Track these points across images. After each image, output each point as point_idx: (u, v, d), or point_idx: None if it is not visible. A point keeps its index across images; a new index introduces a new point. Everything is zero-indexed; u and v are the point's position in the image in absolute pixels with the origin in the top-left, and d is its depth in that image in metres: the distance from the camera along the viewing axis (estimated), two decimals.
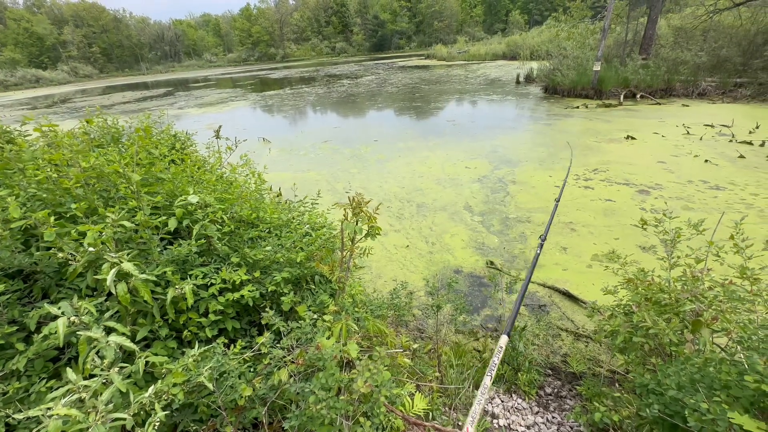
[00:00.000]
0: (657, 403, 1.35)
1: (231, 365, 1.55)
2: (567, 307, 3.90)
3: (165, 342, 1.80)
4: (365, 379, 1.23)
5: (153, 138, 3.22)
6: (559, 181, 6.99)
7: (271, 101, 21.28)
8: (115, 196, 2.09)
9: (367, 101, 18.64)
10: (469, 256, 4.91)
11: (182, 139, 3.79)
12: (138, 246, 1.89)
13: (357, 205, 1.99)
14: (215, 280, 1.94)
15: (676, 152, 7.98)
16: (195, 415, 1.64)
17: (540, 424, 2.26)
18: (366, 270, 4.72)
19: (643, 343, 1.82)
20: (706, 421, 1.15)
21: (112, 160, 2.21)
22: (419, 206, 6.42)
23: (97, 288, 1.70)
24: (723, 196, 5.88)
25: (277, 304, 2.08)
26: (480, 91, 19.02)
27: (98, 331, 1.32)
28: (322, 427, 1.20)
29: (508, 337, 1.94)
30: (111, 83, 52.88)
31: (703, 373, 1.31)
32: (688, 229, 2.04)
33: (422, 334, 3.54)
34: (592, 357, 3.15)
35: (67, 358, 1.68)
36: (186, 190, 2.17)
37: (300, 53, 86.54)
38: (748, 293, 1.68)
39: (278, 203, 3.11)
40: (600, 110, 12.61)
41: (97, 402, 1.17)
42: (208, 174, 2.63)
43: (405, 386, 2.10)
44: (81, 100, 31.10)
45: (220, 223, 2.16)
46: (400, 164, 8.65)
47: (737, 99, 12.31)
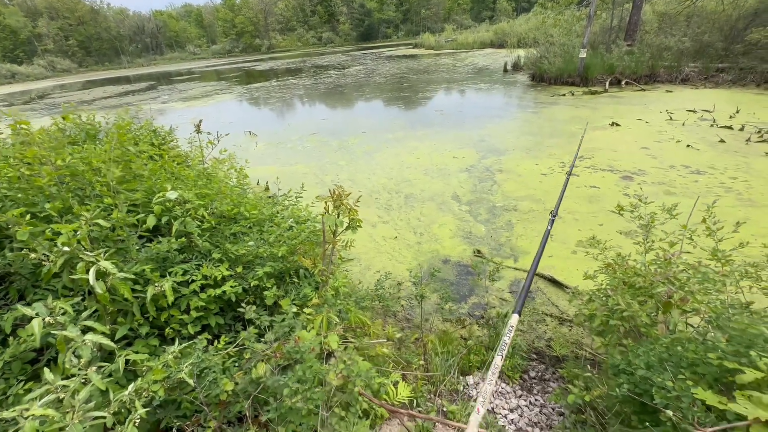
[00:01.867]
0: (627, 382, 1.40)
1: (212, 361, 1.56)
2: (552, 293, 3.98)
3: (147, 340, 1.79)
4: (338, 371, 1.25)
5: (131, 134, 3.16)
6: (545, 169, 7.06)
7: (257, 94, 20.92)
8: (90, 194, 2.05)
9: (355, 92, 18.45)
10: (456, 245, 4.96)
11: (162, 135, 3.72)
12: (116, 244, 1.86)
13: (338, 197, 1.99)
14: (196, 276, 1.93)
15: (659, 138, 8.10)
16: (178, 411, 1.64)
17: (523, 407, 2.32)
18: (355, 262, 4.74)
19: (620, 326, 1.88)
20: (671, 397, 1.20)
21: (87, 158, 2.16)
22: (407, 197, 6.43)
23: (74, 288, 1.68)
24: (703, 180, 6.02)
25: (261, 298, 2.08)
26: (468, 80, 18.96)
27: (74, 330, 1.31)
28: (301, 418, 1.22)
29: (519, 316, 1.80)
30: (91, 78, 51.29)
31: (671, 352, 1.37)
32: (662, 213, 2.09)
33: (410, 323, 3.59)
34: (575, 341, 3.23)
35: (46, 360, 1.66)
36: (164, 187, 2.14)
37: (286, 44, 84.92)
38: (717, 274, 1.73)
39: (262, 198, 3.09)
40: (586, 97, 12.70)
41: (74, 401, 1.17)
42: (187, 170, 2.59)
43: (391, 376, 2.14)
44: (60, 95, 30.16)
45: (200, 219, 2.14)
46: (388, 155, 8.63)
47: (719, 84, 12.51)
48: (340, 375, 1.23)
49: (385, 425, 1.86)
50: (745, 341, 1.26)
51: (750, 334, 1.27)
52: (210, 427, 1.54)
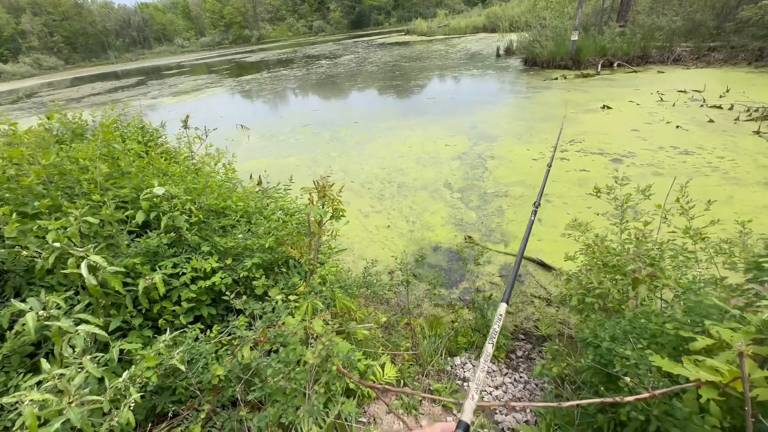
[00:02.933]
0: (593, 354, 1.48)
1: (204, 348, 1.63)
2: (541, 276, 4.08)
3: (140, 331, 1.86)
4: (316, 352, 1.32)
5: (118, 131, 3.18)
6: (536, 154, 7.11)
7: (248, 86, 20.70)
8: (79, 192, 2.10)
9: (347, 82, 18.29)
10: (448, 232, 5.04)
11: (150, 131, 3.74)
12: (106, 240, 1.92)
13: (321, 188, 2.04)
14: (186, 269, 2.00)
15: (649, 120, 8.14)
16: (173, 397, 1.72)
17: (507, 384, 2.43)
18: (348, 252, 4.81)
19: (595, 303, 1.96)
20: (630, 365, 1.28)
21: (74, 157, 2.19)
22: (400, 186, 6.48)
23: (67, 284, 1.74)
24: (691, 160, 6.09)
25: (251, 288, 2.15)
26: (460, 66, 18.81)
27: (68, 322, 1.38)
28: (284, 396, 1.29)
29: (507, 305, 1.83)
30: (78, 74, 50.41)
31: (635, 325, 1.45)
32: (636, 194, 2.16)
33: (402, 309, 3.68)
34: (562, 320, 3.33)
35: (44, 353, 1.73)
36: (152, 183, 2.18)
37: (276, 34, 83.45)
38: (685, 251, 1.81)
39: (251, 191, 3.13)
40: (578, 81, 12.66)
41: (68, 386, 1.24)
42: (174, 165, 2.63)
43: (380, 358, 2.23)
44: (48, 93, 29.71)
45: (188, 213, 2.19)
46: (381, 145, 8.64)
47: (710, 63, 12.49)
48: (317, 355, 1.31)
49: (373, 404, 1.95)
50: (702, 312, 1.34)
51: (706, 305, 1.36)
52: (204, 410, 1.62)
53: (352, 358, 1.43)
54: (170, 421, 1.69)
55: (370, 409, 1.95)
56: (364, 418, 1.90)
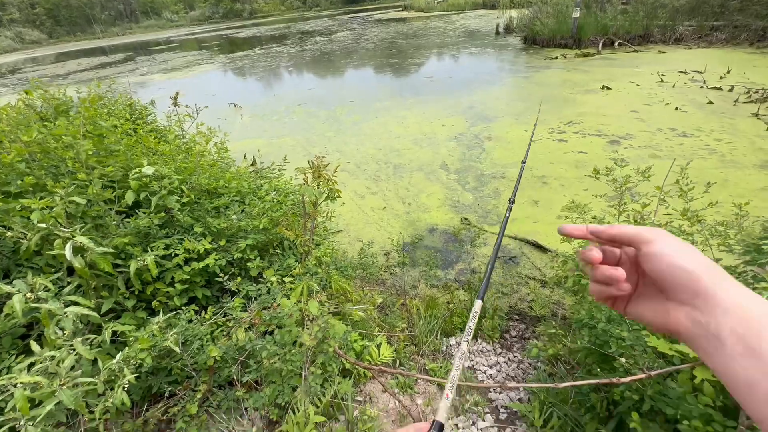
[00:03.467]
0: (589, 335, 1.49)
1: (199, 330, 1.62)
2: (536, 257, 4.10)
3: (134, 313, 1.84)
4: (312, 334, 1.31)
5: (105, 108, 3.06)
6: (535, 136, 7.02)
7: (240, 63, 20.09)
8: (64, 171, 2.02)
9: (343, 59, 17.81)
10: (444, 214, 5.02)
11: (139, 109, 3.61)
12: (93, 221, 1.87)
13: (316, 169, 1.99)
14: (179, 250, 1.96)
15: (648, 101, 8.04)
16: (170, 377, 1.72)
17: (501, 363, 2.46)
18: (344, 234, 4.79)
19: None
20: (625, 346, 1.29)
21: (58, 134, 2.11)
22: (396, 167, 6.41)
23: (54, 265, 1.70)
24: (689, 142, 6.05)
25: (246, 270, 2.13)
26: (459, 44, 18.34)
27: (56, 304, 1.35)
28: (280, 377, 1.29)
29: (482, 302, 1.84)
30: (63, 49, 48.55)
31: None
32: (636, 176, 2.13)
33: (398, 290, 3.70)
34: (556, 301, 3.37)
35: (36, 334, 1.71)
36: (140, 162, 2.11)
37: (269, 8, 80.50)
38: (683, 233, 1.80)
39: (244, 171, 3.07)
40: (578, 60, 12.42)
41: (60, 368, 1.22)
42: (164, 144, 2.54)
43: (375, 339, 2.24)
44: (32, 69, 28.67)
45: (179, 193, 2.13)
46: (377, 125, 8.49)
47: (712, 43, 12.27)
48: (313, 337, 1.30)
49: (369, 383, 1.97)
50: None
51: None
52: (200, 391, 1.62)
53: (348, 339, 1.42)
54: (167, 401, 1.69)
55: (366, 388, 1.97)
56: (360, 396, 1.92)
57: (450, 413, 1.89)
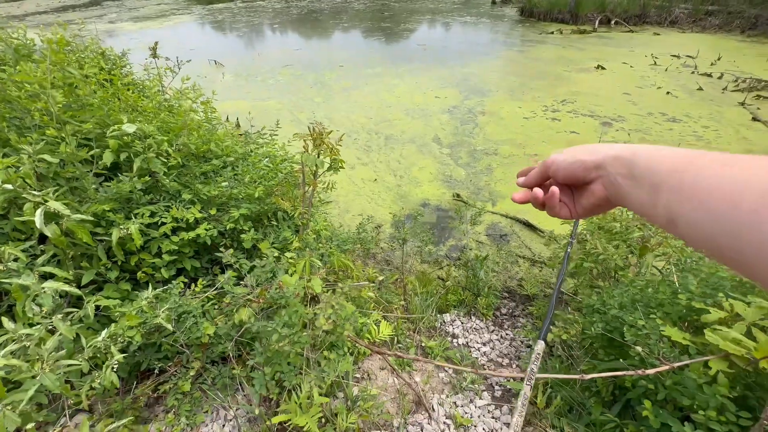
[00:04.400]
0: (600, 321, 1.49)
1: (191, 305, 1.50)
2: (526, 236, 4.13)
3: (117, 285, 1.70)
4: (328, 316, 1.24)
5: (73, 55, 2.72)
6: (528, 112, 6.92)
7: (220, 16, 18.66)
8: (30, 125, 1.78)
9: (332, 20, 16.81)
10: (436, 188, 4.94)
11: (113, 58, 3.24)
12: (68, 183, 1.67)
13: (318, 136, 1.84)
14: (166, 218, 1.80)
15: (641, 83, 8.03)
16: (159, 354, 1.62)
17: (494, 341, 2.49)
18: (333, 204, 4.65)
19: (592, 268, 1.96)
20: (640, 335, 1.29)
21: (25, 79, 1.83)
22: (387, 138, 6.21)
23: (24, 231, 1.52)
24: (677, 128, 6.12)
25: (238, 241, 2.00)
26: (453, 11, 17.60)
27: (30, 278, 1.20)
28: (287, 359, 1.22)
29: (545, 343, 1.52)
30: None
31: (643, 294, 1.45)
32: None
33: (389, 265, 3.65)
34: (544, 281, 3.42)
35: (6, 307, 1.55)
36: (119, 119, 1.89)
37: None
38: None
39: (233, 135, 2.85)
40: (574, 37, 12.18)
41: (41, 350, 1.10)
42: (145, 100, 2.29)
43: (371, 316, 2.19)
44: None
45: (165, 156, 1.94)
46: (368, 93, 8.15)
47: (705, 29, 12.27)
48: (330, 321, 1.22)
49: (367, 360, 1.95)
50: (712, 284, 1.34)
51: (718, 277, 1.36)
52: (193, 368, 1.54)
53: (356, 322, 1.36)
54: (156, 378, 1.60)
55: (364, 365, 1.95)
56: (358, 374, 1.90)
57: (449, 392, 1.90)
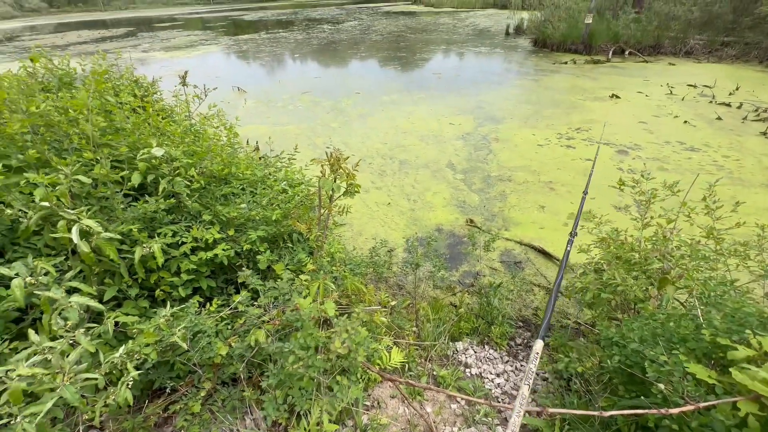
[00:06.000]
0: (619, 354, 1.44)
1: (206, 324, 1.53)
2: (541, 264, 4.05)
3: (136, 302, 1.75)
4: (343, 340, 1.24)
5: (111, 83, 2.93)
6: (542, 140, 6.96)
7: (245, 46, 19.72)
8: (68, 147, 1.91)
9: (350, 50, 17.55)
10: (449, 214, 4.94)
11: (145, 86, 3.47)
12: (99, 202, 1.76)
13: (335, 161, 1.90)
14: (186, 238, 1.86)
15: (657, 112, 8.01)
16: (171, 372, 1.64)
17: (509, 372, 2.41)
18: (347, 227, 4.70)
19: (611, 299, 1.91)
20: (663, 371, 1.23)
21: (62, 107, 1.98)
22: (402, 163, 6.31)
23: (55, 247, 1.59)
24: (697, 157, 6.03)
25: (254, 262, 2.04)
26: (468, 42, 18.16)
27: (58, 292, 1.25)
28: (299, 382, 1.22)
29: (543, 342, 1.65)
30: (63, 20, 47.28)
31: (664, 328, 1.39)
32: (663, 190, 2.07)
33: (401, 290, 3.63)
34: (560, 310, 3.32)
35: (31, 319, 1.61)
36: (149, 143, 2.00)
37: None
38: (713, 252, 1.75)
39: (253, 158, 2.96)
40: (588, 66, 12.35)
41: (63, 362, 1.13)
42: (173, 125, 2.42)
43: (382, 341, 2.17)
44: (30, 38, 27.93)
45: (188, 178, 2.03)
46: (383, 119, 8.36)
47: (722, 59, 12.26)
48: (345, 345, 1.22)
49: (378, 387, 1.91)
50: (738, 320, 1.29)
51: (744, 312, 1.30)
52: (204, 388, 1.54)
53: (370, 347, 1.35)
54: (168, 397, 1.61)
55: (374, 392, 1.91)
56: (368, 401, 1.86)
57: (461, 424, 1.83)
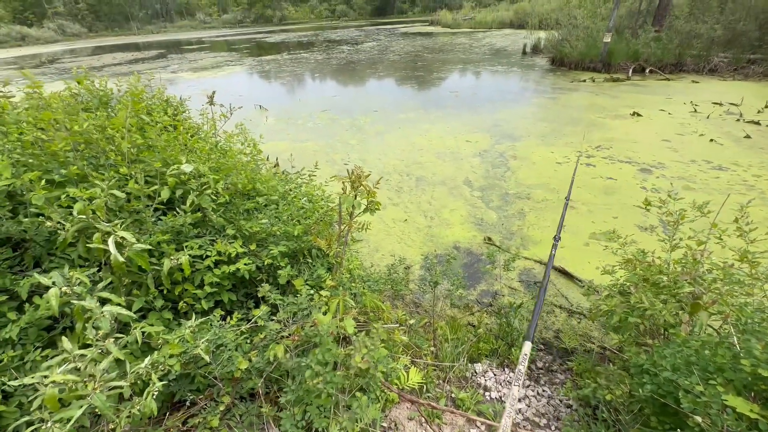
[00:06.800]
0: (650, 383, 1.37)
1: (228, 337, 1.55)
2: (562, 284, 3.94)
3: (160, 313, 1.79)
4: (363, 356, 1.23)
5: (144, 103, 3.09)
6: (561, 158, 6.89)
7: (268, 67, 20.53)
8: (105, 163, 2.01)
9: (368, 69, 18.01)
10: (467, 231, 4.90)
11: (175, 105, 3.64)
12: (131, 215, 1.84)
13: (356, 178, 1.93)
14: (210, 252, 1.91)
15: (681, 131, 7.83)
16: (192, 385, 1.65)
17: (530, 397, 2.33)
18: (363, 243, 4.71)
19: (638, 324, 1.84)
20: (699, 403, 1.16)
21: (102, 125, 2.11)
22: (419, 180, 6.34)
23: (89, 258, 1.66)
24: (725, 177, 5.83)
25: (274, 277, 2.07)
26: (484, 61, 18.38)
27: (92, 301, 1.30)
28: (317, 399, 1.21)
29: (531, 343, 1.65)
30: (100, 43, 50.53)
31: (699, 356, 1.33)
32: (692, 210, 2.01)
33: (418, 308, 3.59)
34: (583, 333, 3.21)
35: (61, 327, 1.67)
36: (179, 159, 2.09)
37: (298, 16, 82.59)
38: (748, 277, 1.67)
39: (275, 174, 3.04)
40: (607, 85, 12.26)
41: (94, 370, 1.17)
42: (201, 142, 2.53)
43: (400, 360, 2.14)
44: (70, 60, 29.88)
45: (214, 193, 2.10)
46: (400, 136, 8.47)
47: (748, 76, 11.96)
48: (365, 360, 1.22)
49: (395, 408, 1.87)
50: None
51: None
52: (224, 402, 1.55)
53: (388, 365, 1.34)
54: (187, 410, 1.62)
55: (391, 413, 1.87)
56: (385, 422, 1.82)
57: None
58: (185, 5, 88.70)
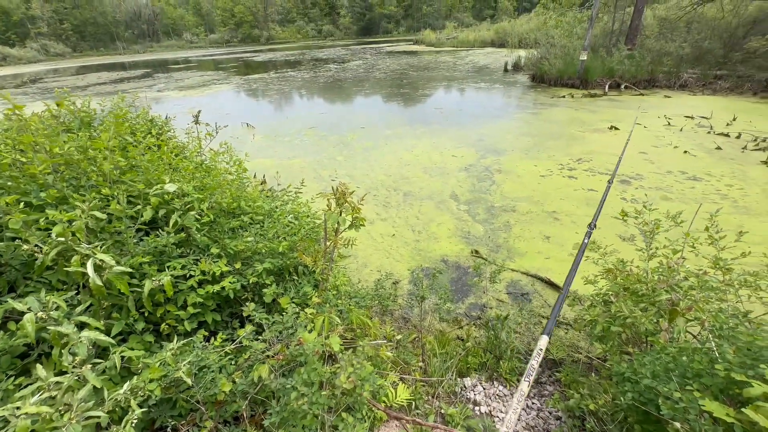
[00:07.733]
0: (632, 390, 1.39)
1: (211, 359, 1.52)
2: (549, 295, 3.99)
3: (141, 336, 1.75)
4: (348, 375, 1.22)
5: (128, 123, 3.08)
6: (544, 170, 7.06)
7: (255, 85, 20.68)
8: (86, 184, 1.99)
9: (354, 87, 18.32)
10: (454, 245, 4.94)
11: (159, 124, 3.64)
12: (112, 237, 1.81)
13: (341, 195, 1.95)
14: (194, 271, 1.89)
15: (657, 143, 8.15)
16: (174, 410, 1.61)
17: (520, 410, 2.32)
18: (351, 259, 4.70)
19: (621, 332, 1.87)
20: (678, 409, 1.19)
21: (84, 146, 2.09)
22: (406, 195, 6.40)
23: (67, 281, 1.63)
24: (700, 186, 6.06)
25: (259, 295, 2.05)
26: (468, 78, 18.92)
27: (69, 327, 1.27)
28: (303, 420, 1.19)
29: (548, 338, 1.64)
30: (85, 63, 50.24)
31: (677, 363, 1.36)
32: (666, 220, 2.08)
33: (407, 322, 3.57)
34: (571, 344, 3.23)
35: (36, 354, 1.61)
36: (162, 179, 2.08)
37: (285, 35, 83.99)
38: (721, 283, 1.73)
39: (261, 191, 3.04)
40: (585, 100, 12.73)
41: (72, 399, 1.13)
42: (186, 161, 2.53)
43: (388, 377, 2.12)
44: (53, 80, 29.55)
45: (198, 213, 2.09)
46: (387, 152, 8.58)
47: (716, 91, 12.60)
48: (351, 379, 1.20)
49: (383, 427, 1.84)
50: (753, 353, 1.25)
51: (757, 346, 1.27)
52: (206, 427, 1.50)
53: (375, 383, 1.33)
54: None
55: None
56: None
57: None
58: (172, 26, 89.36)
